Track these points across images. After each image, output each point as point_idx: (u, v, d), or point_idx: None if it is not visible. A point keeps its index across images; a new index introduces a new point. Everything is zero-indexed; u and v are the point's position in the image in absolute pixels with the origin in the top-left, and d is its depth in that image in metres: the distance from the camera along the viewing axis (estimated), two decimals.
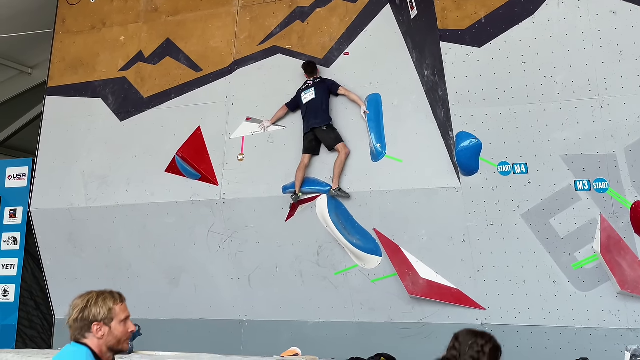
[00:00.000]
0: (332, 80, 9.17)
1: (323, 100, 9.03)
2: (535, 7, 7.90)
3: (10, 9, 11.99)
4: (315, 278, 9.07)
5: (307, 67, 9.27)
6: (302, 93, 9.19)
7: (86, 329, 3.49)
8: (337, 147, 8.88)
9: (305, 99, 9.11)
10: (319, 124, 8.95)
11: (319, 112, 8.99)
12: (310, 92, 9.09)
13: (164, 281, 9.86)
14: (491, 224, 8.11)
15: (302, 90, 9.21)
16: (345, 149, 8.86)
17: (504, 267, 8.09)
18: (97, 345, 3.49)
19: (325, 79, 9.21)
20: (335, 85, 9.11)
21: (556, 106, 7.75)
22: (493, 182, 8.02)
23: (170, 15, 10.47)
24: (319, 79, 9.19)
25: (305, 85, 9.22)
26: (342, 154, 8.83)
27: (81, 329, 3.50)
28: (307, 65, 9.27)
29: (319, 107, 8.97)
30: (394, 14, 9.08)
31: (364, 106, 8.90)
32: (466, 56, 8.11)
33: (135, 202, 9.87)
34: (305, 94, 9.14)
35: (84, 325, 3.49)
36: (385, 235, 8.66)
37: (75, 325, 3.51)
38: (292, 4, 9.75)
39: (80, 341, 3.50)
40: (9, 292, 10.79)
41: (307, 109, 9.03)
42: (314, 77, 9.22)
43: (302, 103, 9.13)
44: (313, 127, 8.96)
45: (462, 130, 8.04)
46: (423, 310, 8.56)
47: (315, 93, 9.06)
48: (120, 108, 10.39)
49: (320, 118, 8.98)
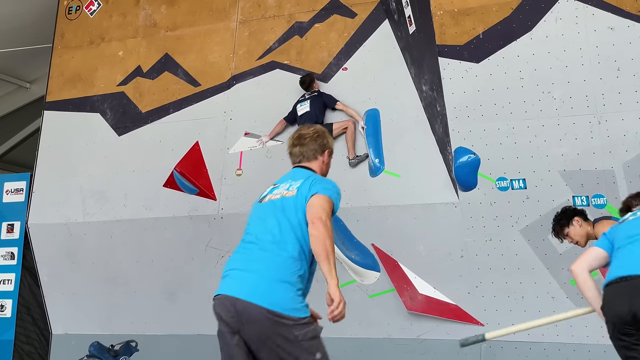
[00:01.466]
0: (329, 94, 9.23)
1: (318, 113, 9.07)
2: (533, 23, 7.95)
3: (8, 23, 12.04)
4: (312, 293, 9.04)
5: (302, 83, 9.34)
6: (297, 105, 9.25)
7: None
8: (336, 127, 8.98)
9: (300, 111, 9.16)
10: None
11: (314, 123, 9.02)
12: (305, 105, 9.14)
13: (162, 296, 9.86)
14: (489, 239, 8.13)
15: (298, 103, 9.27)
16: (345, 122, 8.99)
17: (503, 282, 8.11)
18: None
19: (323, 92, 9.25)
20: (332, 99, 9.16)
21: (554, 122, 7.78)
22: (491, 198, 8.05)
23: (169, 31, 10.53)
24: (316, 92, 9.25)
25: (301, 98, 9.28)
26: (349, 128, 8.93)
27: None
28: (303, 81, 9.34)
29: (313, 120, 8.98)
30: (393, 29, 9.14)
31: (362, 121, 8.95)
32: (464, 72, 8.15)
33: (133, 217, 9.89)
34: (300, 107, 9.19)
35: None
36: (384, 250, 8.68)
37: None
38: (290, 20, 9.81)
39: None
40: (6, 307, 10.78)
41: (302, 122, 9.07)
42: (311, 91, 9.28)
43: (298, 115, 9.19)
44: None
45: (461, 145, 8.07)
46: (421, 326, 8.56)
47: (310, 106, 9.10)
48: (119, 123, 10.43)
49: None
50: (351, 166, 8.86)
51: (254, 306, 4.08)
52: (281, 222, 4.35)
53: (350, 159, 8.85)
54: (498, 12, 8.07)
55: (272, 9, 9.97)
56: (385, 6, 9.23)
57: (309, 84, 9.29)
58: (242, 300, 4.13)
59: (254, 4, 10.10)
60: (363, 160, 8.85)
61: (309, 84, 9.29)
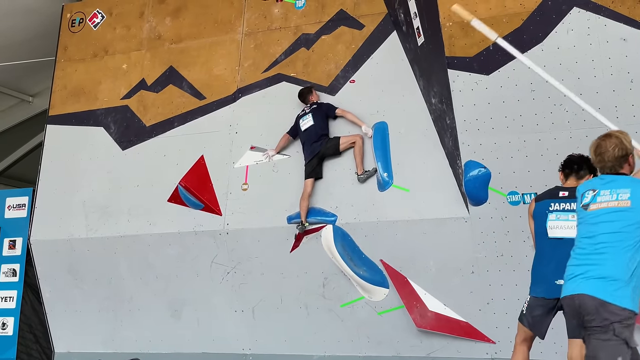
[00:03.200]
0: (327, 103, 9.25)
1: (322, 125, 9.09)
2: (544, 34, 7.95)
3: (11, 36, 12.10)
4: (320, 310, 9.05)
5: (300, 96, 9.41)
6: (300, 120, 9.25)
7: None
8: (343, 142, 8.98)
9: (304, 125, 9.17)
10: (320, 145, 9.02)
11: (320, 137, 9.04)
12: (308, 119, 9.15)
13: (166, 314, 9.85)
14: (501, 255, 8.10)
15: (300, 117, 9.27)
16: (353, 137, 8.96)
17: (515, 299, 8.04)
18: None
19: (322, 103, 9.27)
20: (331, 108, 9.18)
21: (566, 135, 7.76)
22: (502, 212, 8.02)
23: (174, 43, 10.57)
24: (316, 104, 9.25)
25: (302, 112, 9.28)
26: (357, 143, 8.91)
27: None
28: (300, 94, 9.41)
29: (319, 132, 9.04)
30: (401, 41, 9.16)
31: (364, 125, 8.96)
32: (474, 84, 8.14)
33: (137, 233, 9.89)
34: (303, 121, 9.20)
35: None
36: (393, 266, 8.65)
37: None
38: (297, 31, 9.84)
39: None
40: (8, 325, 10.78)
41: (307, 136, 9.08)
42: (310, 103, 9.28)
43: (301, 130, 9.18)
44: (317, 152, 9.02)
45: (471, 159, 8.06)
46: (431, 344, 8.53)
47: (313, 119, 9.11)
48: (122, 137, 10.45)
49: (322, 140, 9.04)
50: (360, 181, 8.85)
51: None
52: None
53: (359, 175, 8.84)
54: (508, 23, 8.06)
55: (278, 21, 10.00)
56: (393, 18, 9.25)
57: (306, 96, 9.33)
58: None
59: (259, 15, 10.13)
60: (372, 175, 8.84)
61: (306, 96, 9.33)
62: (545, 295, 5.78)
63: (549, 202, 5.91)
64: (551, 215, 5.87)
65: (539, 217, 5.98)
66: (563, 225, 5.79)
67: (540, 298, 5.83)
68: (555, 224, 5.83)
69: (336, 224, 8.85)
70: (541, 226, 5.94)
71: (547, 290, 5.74)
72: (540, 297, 5.83)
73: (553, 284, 5.65)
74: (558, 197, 5.90)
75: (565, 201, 5.83)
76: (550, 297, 5.72)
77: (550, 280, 5.71)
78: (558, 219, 5.83)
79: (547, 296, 5.76)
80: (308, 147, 9.07)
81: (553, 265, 5.73)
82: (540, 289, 5.83)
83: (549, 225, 5.87)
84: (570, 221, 5.71)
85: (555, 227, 5.83)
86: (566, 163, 6.17)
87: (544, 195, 6.07)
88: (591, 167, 5.86)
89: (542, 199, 6.03)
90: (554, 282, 5.64)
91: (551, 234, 5.85)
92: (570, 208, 5.76)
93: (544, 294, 5.79)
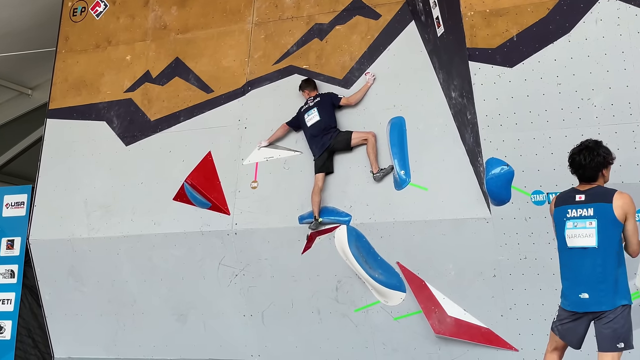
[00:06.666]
0: (330, 93, 9.28)
1: (330, 119, 9.12)
2: (572, 24, 7.91)
3: (9, 26, 12.13)
4: (333, 315, 9.06)
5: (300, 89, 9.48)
6: (304, 115, 9.24)
7: None
8: (355, 137, 8.98)
9: (309, 121, 9.16)
10: (330, 138, 9.02)
11: (329, 130, 9.04)
12: (314, 114, 9.15)
13: (171, 318, 9.88)
14: (524, 257, 8.08)
15: (303, 112, 9.27)
16: (365, 134, 8.97)
17: (539, 304, 8.04)
18: None
19: (324, 94, 9.28)
20: (336, 97, 9.20)
21: (594, 131, 7.71)
22: (526, 213, 8.00)
23: (180, 33, 10.58)
24: (318, 97, 9.25)
25: (305, 106, 9.28)
26: (369, 141, 8.91)
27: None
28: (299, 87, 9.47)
29: (328, 125, 9.05)
30: (419, 31, 9.14)
31: (368, 74, 9.20)
32: (497, 77, 8.12)
33: (140, 233, 9.92)
34: (308, 116, 9.19)
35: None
36: (410, 269, 8.65)
37: None
38: (309, 21, 9.83)
39: None
40: (5, 328, 10.84)
41: (315, 131, 9.06)
42: (313, 96, 9.28)
43: (307, 126, 9.18)
44: (327, 146, 9.02)
45: (493, 156, 8.03)
46: (450, 351, 8.52)
47: (319, 114, 9.12)
48: (126, 132, 10.47)
49: (331, 133, 9.03)
50: (376, 181, 8.84)
51: None
52: None
53: (375, 173, 8.82)
54: (533, 12, 8.04)
55: (290, 10, 9.99)
56: (411, 7, 9.23)
57: (305, 86, 9.39)
58: None
59: (270, 4, 10.13)
60: (388, 173, 8.83)
61: (305, 86, 9.39)
62: (572, 309, 5.77)
63: (566, 209, 5.86)
64: (568, 223, 5.82)
65: (558, 223, 5.95)
66: (581, 234, 5.74)
67: (569, 311, 5.82)
68: (573, 232, 5.78)
69: (350, 225, 8.86)
70: (560, 234, 5.91)
71: (574, 304, 5.74)
72: (568, 310, 5.82)
73: (578, 298, 5.66)
74: (575, 202, 5.85)
75: (582, 206, 5.79)
76: (580, 311, 5.72)
77: (574, 294, 5.71)
78: (575, 227, 5.78)
79: (575, 310, 5.75)
80: (318, 142, 9.06)
81: (574, 277, 5.75)
82: (568, 302, 5.82)
83: (567, 234, 5.82)
84: (587, 229, 5.69)
85: (573, 237, 5.79)
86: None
87: (560, 201, 6.01)
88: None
89: (560, 204, 5.98)
90: (578, 295, 5.66)
91: (570, 243, 5.81)
92: (588, 214, 5.73)
93: (571, 307, 5.78)
